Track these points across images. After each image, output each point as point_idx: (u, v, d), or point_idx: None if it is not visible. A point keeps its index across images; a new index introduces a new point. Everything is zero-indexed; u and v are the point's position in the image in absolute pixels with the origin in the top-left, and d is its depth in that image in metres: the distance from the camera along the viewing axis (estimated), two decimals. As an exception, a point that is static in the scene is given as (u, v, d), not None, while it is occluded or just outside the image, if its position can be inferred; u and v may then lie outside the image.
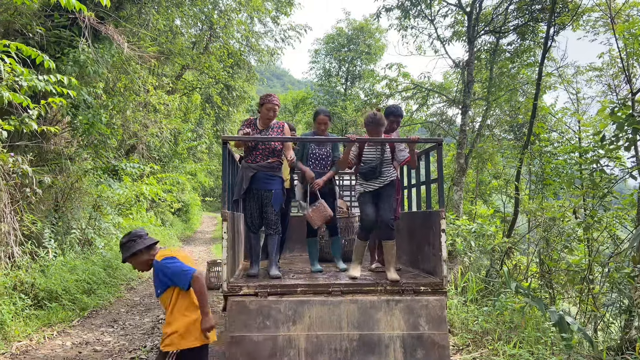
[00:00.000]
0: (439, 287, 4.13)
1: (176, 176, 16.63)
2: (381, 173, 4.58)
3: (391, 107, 5.64)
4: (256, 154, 4.79)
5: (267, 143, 4.75)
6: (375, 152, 4.63)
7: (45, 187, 9.24)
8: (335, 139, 5.31)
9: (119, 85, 13.16)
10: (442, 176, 4.30)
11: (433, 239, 4.37)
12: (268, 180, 4.79)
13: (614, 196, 9.05)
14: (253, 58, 21.81)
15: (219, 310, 7.59)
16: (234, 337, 3.91)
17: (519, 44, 13.10)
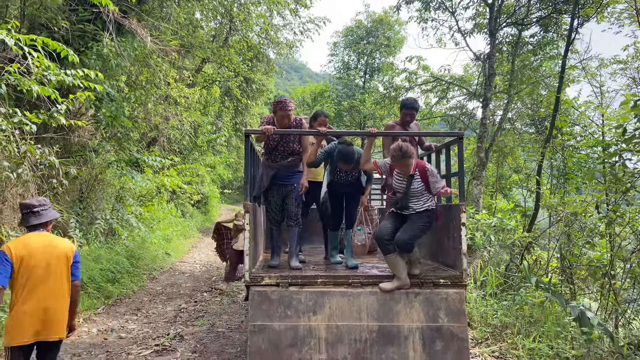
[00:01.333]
0: (459, 280, 4.15)
1: (196, 167, 16.80)
2: (407, 206, 4.19)
3: (405, 100, 5.59)
4: (276, 154, 4.83)
5: (286, 145, 4.79)
6: (401, 182, 4.23)
7: (71, 178, 9.47)
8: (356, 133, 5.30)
9: (140, 79, 13.34)
10: (462, 170, 4.31)
11: (453, 232, 4.39)
12: (289, 175, 4.86)
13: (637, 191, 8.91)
14: (272, 51, 21.87)
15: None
16: (255, 325, 4.00)
17: (541, 36, 12.90)
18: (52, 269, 3.40)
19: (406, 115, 5.36)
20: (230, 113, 22.62)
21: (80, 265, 3.60)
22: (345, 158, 4.63)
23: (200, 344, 5.64)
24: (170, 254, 12.46)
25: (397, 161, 4.10)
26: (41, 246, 3.41)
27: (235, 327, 6.35)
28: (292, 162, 4.86)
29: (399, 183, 4.23)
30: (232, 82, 19.04)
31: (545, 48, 12.56)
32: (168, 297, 8.27)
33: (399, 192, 4.25)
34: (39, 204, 3.55)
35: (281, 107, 4.67)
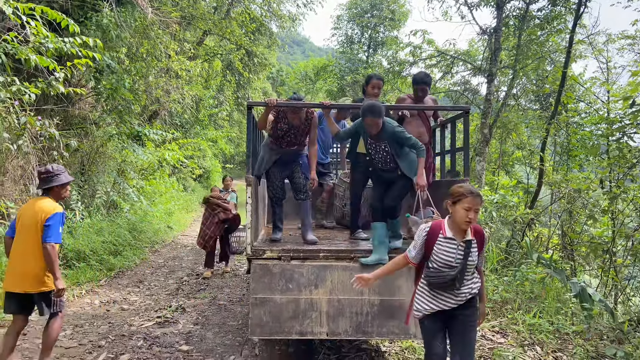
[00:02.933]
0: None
1: (198, 141, 16.72)
2: (459, 288, 3.00)
3: (415, 75, 5.44)
4: (282, 142, 4.70)
5: (294, 137, 4.65)
6: (455, 250, 2.98)
7: (72, 150, 9.42)
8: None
9: (141, 51, 13.14)
10: (468, 145, 4.24)
11: (456, 207, 4.35)
12: (293, 159, 4.80)
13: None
14: (274, 24, 21.55)
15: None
16: (257, 298, 4.00)
17: (549, 10, 12.62)
18: (25, 229, 3.73)
19: (417, 91, 5.21)
20: (232, 87, 22.41)
21: (53, 228, 3.68)
22: (372, 109, 4.01)
23: (202, 316, 5.68)
24: (172, 227, 12.50)
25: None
26: (30, 208, 3.76)
27: (236, 300, 6.39)
28: (297, 149, 4.77)
29: (450, 253, 2.98)
30: (234, 54, 18.78)
31: (552, 22, 12.29)
32: (170, 270, 8.32)
33: (452, 265, 2.98)
34: (45, 170, 3.82)
35: (292, 109, 4.49)
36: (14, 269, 3.74)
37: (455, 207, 2.94)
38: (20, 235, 3.76)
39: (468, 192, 2.89)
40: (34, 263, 3.70)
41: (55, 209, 3.74)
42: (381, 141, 4.24)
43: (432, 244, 3.03)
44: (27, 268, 3.70)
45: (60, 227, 3.75)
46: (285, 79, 32.17)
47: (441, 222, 3.07)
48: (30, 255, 3.70)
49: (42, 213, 3.70)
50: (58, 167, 3.87)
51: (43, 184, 3.80)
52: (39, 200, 3.80)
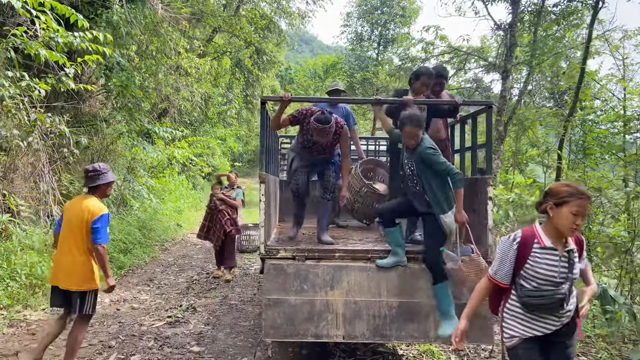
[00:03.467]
0: (483, 256, 3.97)
1: (207, 139, 16.65)
2: (564, 307, 2.47)
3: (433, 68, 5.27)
4: (309, 151, 4.43)
5: (320, 149, 4.36)
6: (558, 263, 2.45)
7: (82, 148, 9.36)
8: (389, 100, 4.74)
9: (151, 48, 13.07)
10: (490, 142, 4.08)
11: (478, 206, 4.19)
12: (322, 163, 4.55)
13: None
14: (284, 21, 21.42)
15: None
16: (270, 299, 3.87)
17: (565, 5, 12.39)
18: (71, 227, 3.77)
19: (434, 85, 5.03)
20: (241, 85, 22.29)
21: (102, 230, 3.75)
22: (412, 118, 3.65)
23: (213, 316, 5.57)
24: (181, 225, 12.43)
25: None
26: (77, 206, 3.81)
27: (247, 300, 6.27)
28: (327, 157, 4.51)
29: (552, 268, 2.45)
30: (243, 52, 18.67)
31: (569, 17, 12.06)
32: (180, 269, 8.23)
33: (549, 281, 2.45)
34: (92, 169, 3.88)
35: (317, 133, 4.12)
36: (59, 265, 3.81)
37: (559, 210, 2.40)
38: (65, 232, 3.82)
39: (579, 193, 2.38)
40: (78, 261, 3.76)
41: (102, 211, 3.78)
42: (412, 157, 3.82)
43: (525, 257, 2.49)
44: (70, 265, 3.75)
45: (107, 227, 3.82)
46: (294, 77, 32.05)
47: (534, 230, 2.53)
48: (74, 253, 3.76)
49: (89, 214, 3.74)
50: (104, 166, 3.93)
51: (90, 182, 3.86)
52: (86, 198, 3.84)
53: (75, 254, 3.75)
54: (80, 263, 3.75)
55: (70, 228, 3.77)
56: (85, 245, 3.76)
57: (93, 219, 3.72)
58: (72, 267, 3.74)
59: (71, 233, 3.76)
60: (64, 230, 3.83)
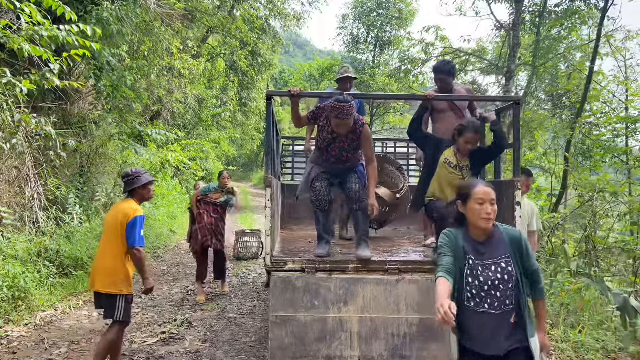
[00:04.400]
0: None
1: (201, 142, 16.22)
2: None
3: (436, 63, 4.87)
4: (328, 156, 3.98)
5: (338, 152, 3.92)
6: None
7: (70, 150, 8.92)
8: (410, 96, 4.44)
9: (142, 48, 12.68)
10: (518, 141, 3.72)
11: (503, 211, 3.82)
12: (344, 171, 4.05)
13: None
14: (279, 23, 21.09)
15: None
16: (278, 316, 3.48)
17: (567, 5, 12.12)
18: (107, 229, 3.83)
19: (437, 81, 4.67)
20: (235, 87, 21.89)
21: (136, 232, 3.71)
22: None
23: (210, 331, 5.15)
24: (175, 231, 11.99)
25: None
26: (114, 209, 3.91)
27: (247, 313, 5.86)
28: (348, 166, 4.01)
29: None
30: (238, 52, 18.29)
31: (570, 18, 11.78)
32: (174, 278, 7.80)
33: None
34: (125, 174, 3.96)
35: (337, 114, 3.65)
36: (95, 267, 3.87)
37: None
38: (103, 235, 3.91)
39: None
40: (109, 263, 3.74)
41: (135, 213, 3.75)
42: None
43: None
44: (102, 267, 3.76)
45: (142, 229, 3.78)
46: (289, 80, 31.70)
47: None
48: (107, 255, 3.77)
49: (122, 216, 3.74)
50: (137, 170, 3.95)
51: (126, 187, 3.91)
52: (123, 202, 3.91)
53: (107, 256, 3.76)
54: (111, 265, 3.74)
55: (107, 231, 3.83)
56: (120, 248, 3.74)
57: (127, 221, 3.71)
58: (102, 269, 3.75)
59: (107, 236, 3.81)
60: (103, 233, 3.92)
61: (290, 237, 5.11)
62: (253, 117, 24.41)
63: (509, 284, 2.33)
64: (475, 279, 2.35)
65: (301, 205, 6.31)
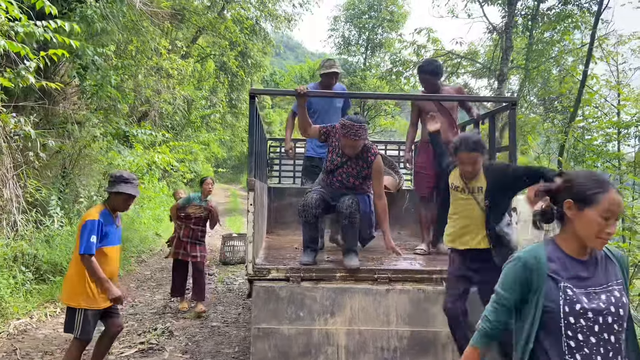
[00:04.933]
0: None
1: (190, 144, 15.96)
2: None
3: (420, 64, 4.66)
4: (332, 179, 3.68)
5: (345, 176, 3.61)
6: None
7: (53, 152, 8.67)
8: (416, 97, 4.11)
9: (130, 48, 12.43)
10: (515, 143, 3.55)
11: (498, 218, 3.65)
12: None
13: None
14: (270, 24, 20.93)
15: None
16: (260, 329, 3.28)
17: (560, 8, 12.07)
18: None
19: (422, 81, 4.47)
20: (225, 89, 21.67)
21: (84, 237, 3.35)
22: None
23: (192, 341, 4.92)
24: (161, 235, 11.71)
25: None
26: None
27: (231, 321, 5.63)
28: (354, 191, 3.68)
29: None
30: (228, 53, 18.08)
31: (565, 21, 11.72)
32: (157, 284, 7.55)
33: None
34: (110, 174, 3.72)
35: (346, 132, 3.39)
36: None
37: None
38: None
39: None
40: (70, 272, 3.53)
41: (88, 217, 3.45)
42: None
43: None
44: (66, 276, 3.59)
45: (93, 235, 3.37)
46: (280, 81, 31.52)
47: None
48: (72, 264, 3.56)
49: (82, 219, 3.50)
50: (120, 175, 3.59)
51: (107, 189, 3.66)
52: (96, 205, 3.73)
53: (72, 265, 3.54)
54: (70, 275, 3.51)
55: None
56: (78, 256, 3.42)
57: (80, 226, 3.44)
58: (66, 278, 3.58)
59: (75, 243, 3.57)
60: None
61: (276, 243, 4.91)
62: (243, 119, 24.21)
63: (624, 323, 1.61)
64: (580, 317, 1.57)
65: (289, 209, 6.12)
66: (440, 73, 4.48)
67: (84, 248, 3.33)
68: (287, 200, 6.00)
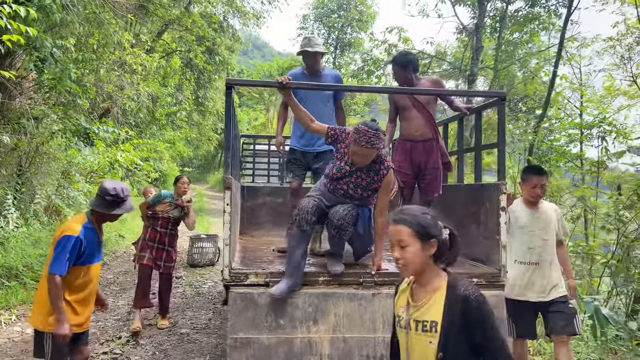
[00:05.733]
0: (496, 280, 3.31)
1: (154, 142, 15.43)
2: None
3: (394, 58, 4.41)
4: (336, 187, 3.33)
5: (353, 187, 3.28)
6: None
7: (8, 149, 8.17)
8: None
9: (91, 42, 11.90)
10: (503, 140, 3.42)
11: (485, 218, 3.53)
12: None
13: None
14: (238, 21, 20.57)
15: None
16: (237, 339, 3.04)
17: (527, 11, 12.24)
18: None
19: (395, 74, 4.22)
20: (192, 86, 21.15)
21: (57, 255, 2.89)
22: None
23: (159, 350, 4.62)
24: (124, 236, 11.23)
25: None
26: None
27: (201, 328, 5.34)
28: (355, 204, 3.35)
29: None
30: (195, 49, 17.61)
31: (531, 23, 11.89)
32: (121, 288, 7.16)
33: None
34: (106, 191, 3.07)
35: (357, 138, 3.03)
36: None
37: None
38: None
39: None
40: (40, 291, 3.05)
41: (65, 231, 2.94)
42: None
43: None
44: (36, 295, 3.12)
45: (67, 254, 2.89)
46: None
47: None
48: (42, 282, 3.05)
49: (58, 233, 2.98)
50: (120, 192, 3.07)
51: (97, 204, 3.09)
52: (76, 216, 3.19)
53: (42, 283, 3.04)
54: (39, 294, 3.05)
55: None
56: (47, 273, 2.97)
57: (56, 240, 2.94)
58: (35, 298, 3.12)
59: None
60: None
61: (251, 245, 4.66)
62: (210, 118, 23.71)
63: None
64: None
65: (262, 209, 5.89)
66: (412, 65, 4.26)
67: (54, 267, 2.88)
68: (260, 199, 5.76)
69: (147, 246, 5.29)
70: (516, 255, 3.59)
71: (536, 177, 3.49)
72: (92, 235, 3.04)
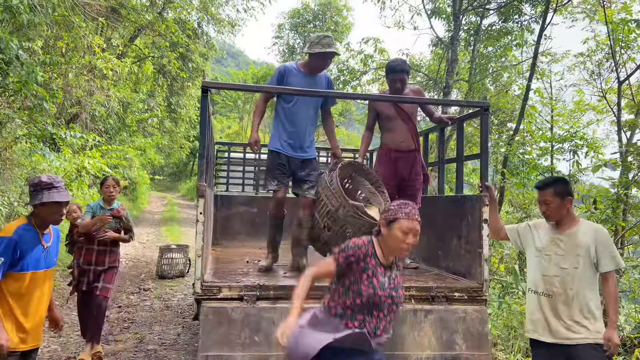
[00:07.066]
0: (478, 294, 3.23)
1: (124, 149, 15.03)
2: None
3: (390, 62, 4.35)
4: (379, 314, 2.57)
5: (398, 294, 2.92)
6: None
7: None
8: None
9: (60, 45, 11.55)
10: (487, 152, 3.36)
11: (467, 231, 3.46)
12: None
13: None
14: (212, 28, 20.37)
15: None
16: (208, 357, 2.86)
17: (500, 25, 12.45)
18: None
19: (395, 82, 4.14)
20: (164, 93, 20.77)
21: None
22: None
23: (125, 367, 4.38)
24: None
25: None
26: None
27: (170, 344, 5.10)
28: None
29: None
30: (169, 54, 17.32)
31: (503, 38, 12.09)
32: (84, 301, 6.83)
33: None
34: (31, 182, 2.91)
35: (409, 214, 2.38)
36: None
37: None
38: None
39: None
40: None
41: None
42: None
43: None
44: None
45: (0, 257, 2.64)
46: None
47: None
48: None
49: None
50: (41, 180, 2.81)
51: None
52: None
53: None
54: None
55: None
56: None
57: None
58: None
59: None
60: None
61: (225, 257, 4.48)
62: (183, 125, 23.33)
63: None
64: None
65: (236, 219, 5.72)
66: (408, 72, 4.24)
67: None
68: (235, 209, 5.59)
69: (85, 271, 4.54)
70: (529, 283, 3.03)
71: (539, 192, 2.97)
72: (32, 238, 2.78)
